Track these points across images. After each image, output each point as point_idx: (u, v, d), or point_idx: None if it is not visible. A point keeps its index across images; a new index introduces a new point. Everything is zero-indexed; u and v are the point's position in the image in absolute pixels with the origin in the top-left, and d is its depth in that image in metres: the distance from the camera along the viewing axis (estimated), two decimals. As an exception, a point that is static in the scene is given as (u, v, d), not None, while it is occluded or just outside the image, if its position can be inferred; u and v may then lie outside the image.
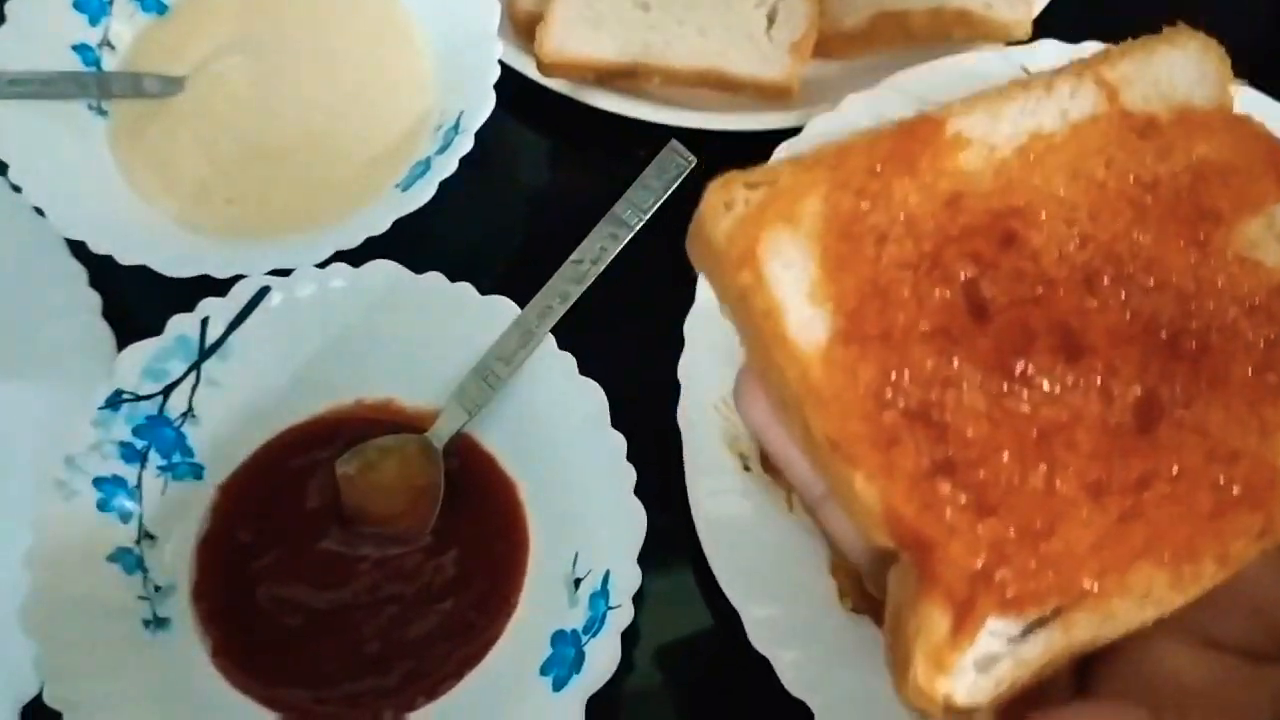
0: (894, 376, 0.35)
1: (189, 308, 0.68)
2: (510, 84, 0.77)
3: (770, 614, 0.65)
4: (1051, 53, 0.78)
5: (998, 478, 0.34)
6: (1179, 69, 0.42)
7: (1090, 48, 0.76)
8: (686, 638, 0.67)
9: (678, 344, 0.70)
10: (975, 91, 0.43)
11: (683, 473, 0.68)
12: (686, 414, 0.69)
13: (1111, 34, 0.75)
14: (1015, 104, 0.40)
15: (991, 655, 0.33)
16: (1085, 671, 0.36)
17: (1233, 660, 0.35)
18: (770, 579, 0.66)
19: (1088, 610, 0.33)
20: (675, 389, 0.69)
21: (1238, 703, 0.34)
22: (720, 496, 0.68)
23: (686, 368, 0.70)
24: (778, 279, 0.35)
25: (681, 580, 0.70)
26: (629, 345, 0.70)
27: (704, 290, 0.71)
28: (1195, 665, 0.35)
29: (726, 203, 0.36)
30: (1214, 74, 0.42)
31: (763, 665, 0.63)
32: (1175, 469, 0.35)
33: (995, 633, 0.33)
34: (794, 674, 0.64)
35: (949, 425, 0.34)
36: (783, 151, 0.74)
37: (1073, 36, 0.76)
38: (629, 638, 0.61)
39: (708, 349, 0.71)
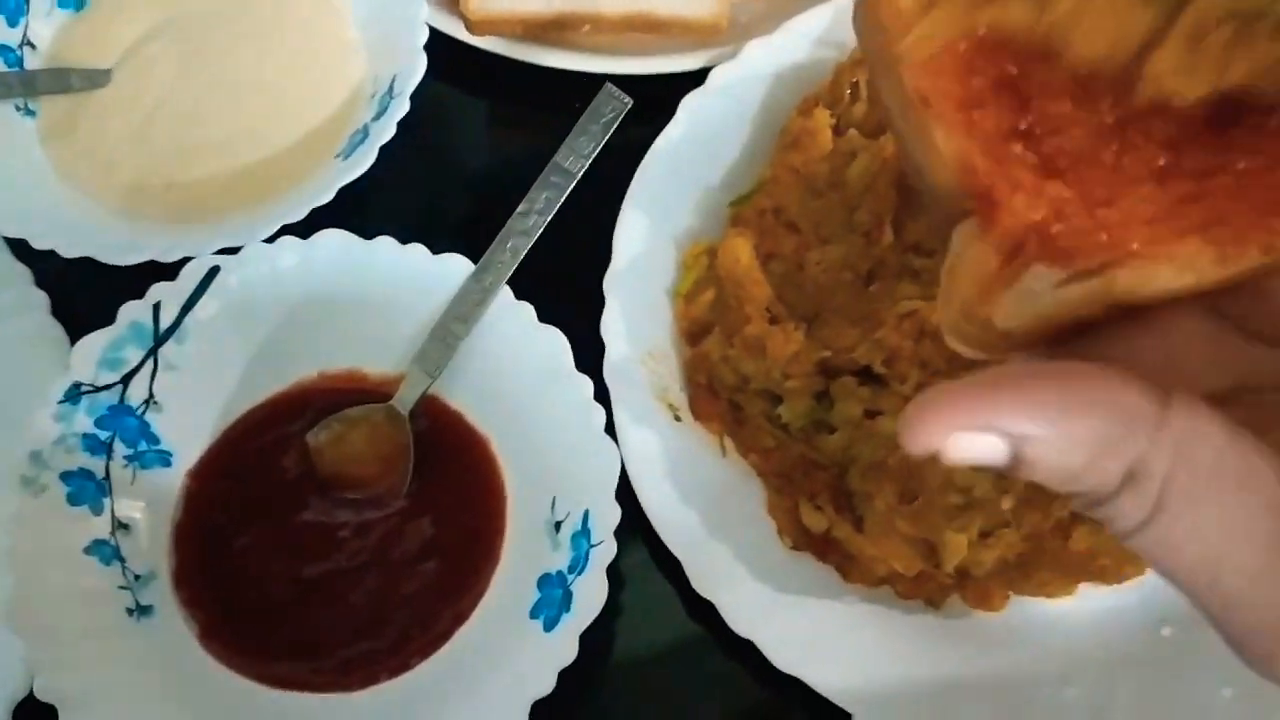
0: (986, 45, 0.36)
1: (138, 296, 0.67)
2: (440, 46, 0.77)
3: (710, 557, 0.67)
4: None
5: (1069, 148, 0.35)
6: None
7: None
8: (669, 572, 0.68)
9: (630, 286, 0.71)
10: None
11: (646, 409, 0.69)
12: (613, 369, 0.70)
13: None
14: None
15: (1034, 292, 0.34)
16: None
17: (1236, 334, 0.35)
18: (708, 523, 0.68)
19: (1131, 268, 0.34)
20: (634, 328, 0.70)
21: (1226, 360, 0.34)
22: (653, 447, 0.69)
23: (609, 324, 0.71)
24: None
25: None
26: (585, 290, 0.71)
27: (621, 246, 0.72)
28: (1197, 322, 0.35)
29: None
30: None
31: (747, 586, 0.64)
32: (1241, 165, 0.35)
33: (1040, 275, 0.34)
34: (737, 614, 0.65)
35: (1033, 98, 0.36)
36: (689, 103, 0.75)
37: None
38: (613, 574, 0.62)
39: (629, 304, 0.72)
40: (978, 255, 0.35)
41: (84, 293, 0.72)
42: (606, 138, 0.73)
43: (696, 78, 0.77)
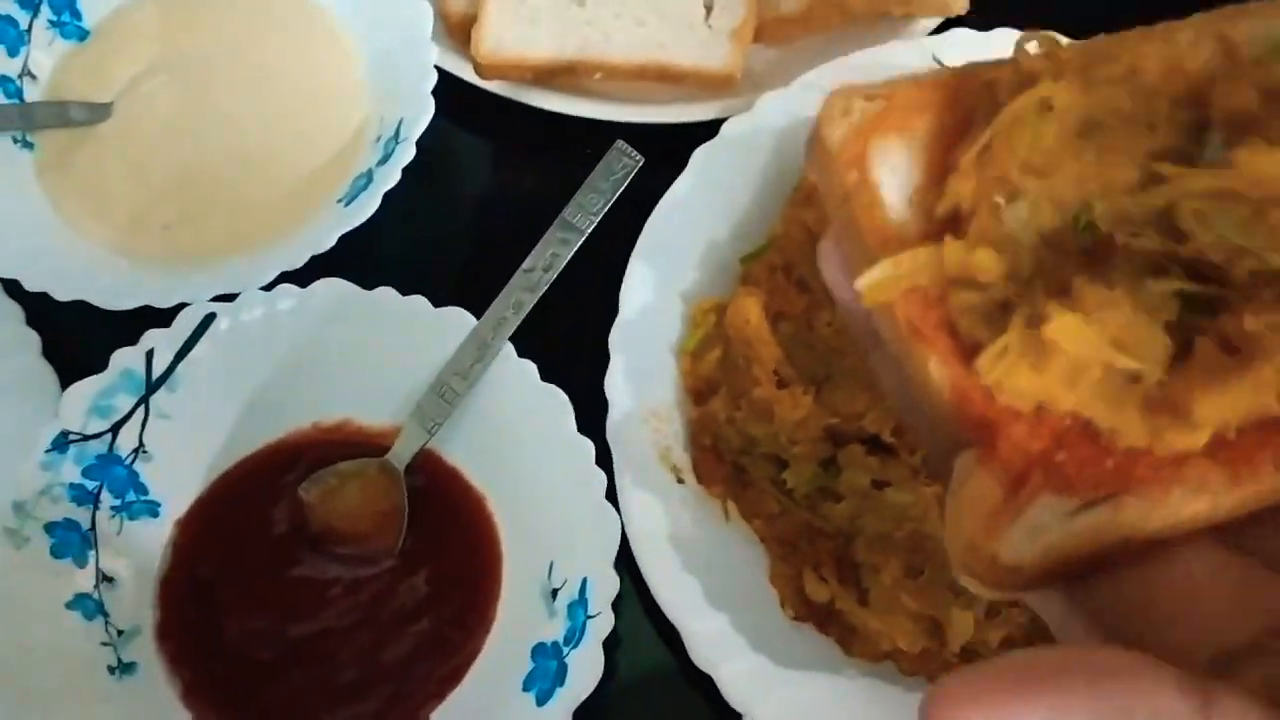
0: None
1: (133, 340, 0.66)
2: (449, 88, 0.75)
3: (710, 627, 0.65)
4: (964, 40, 0.77)
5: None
6: None
7: (1001, 34, 0.77)
8: (668, 640, 0.66)
9: (635, 346, 0.69)
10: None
11: (651, 472, 0.67)
12: (616, 428, 0.68)
13: (1042, 15, 0.77)
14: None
15: (1041, 525, 0.34)
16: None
17: (1262, 570, 0.33)
18: (709, 591, 0.66)
19: (1140, 495, 0.33)
20: (639, 389, 0.68)
21: (1254, 605, 0.32)
22: (654, 510, 0.67)
23: (613, 381, 0.69)
24: (883, 182, 0.37)
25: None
26: (589, 349, 0.69)
27: (628, 301, 0.70)
28: (1218, 563, 0.33)
29: (843, 110, 0.38)
30: None
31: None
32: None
33: (1047, 507, 0.33)
34: (735, 687, 0.63)
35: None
36: (699, 157, 0.74)
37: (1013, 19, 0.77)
38: (610, 644, 0.60)
39: (634, 361, 0.70)
40: (979, 487, 0.34)
41: (77, 332, 0.71)
42: (616, 195, 0.72)
43: (709, 128, 0.76)
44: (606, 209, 0.72)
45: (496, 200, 0.81)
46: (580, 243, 0.70)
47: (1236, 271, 0.34)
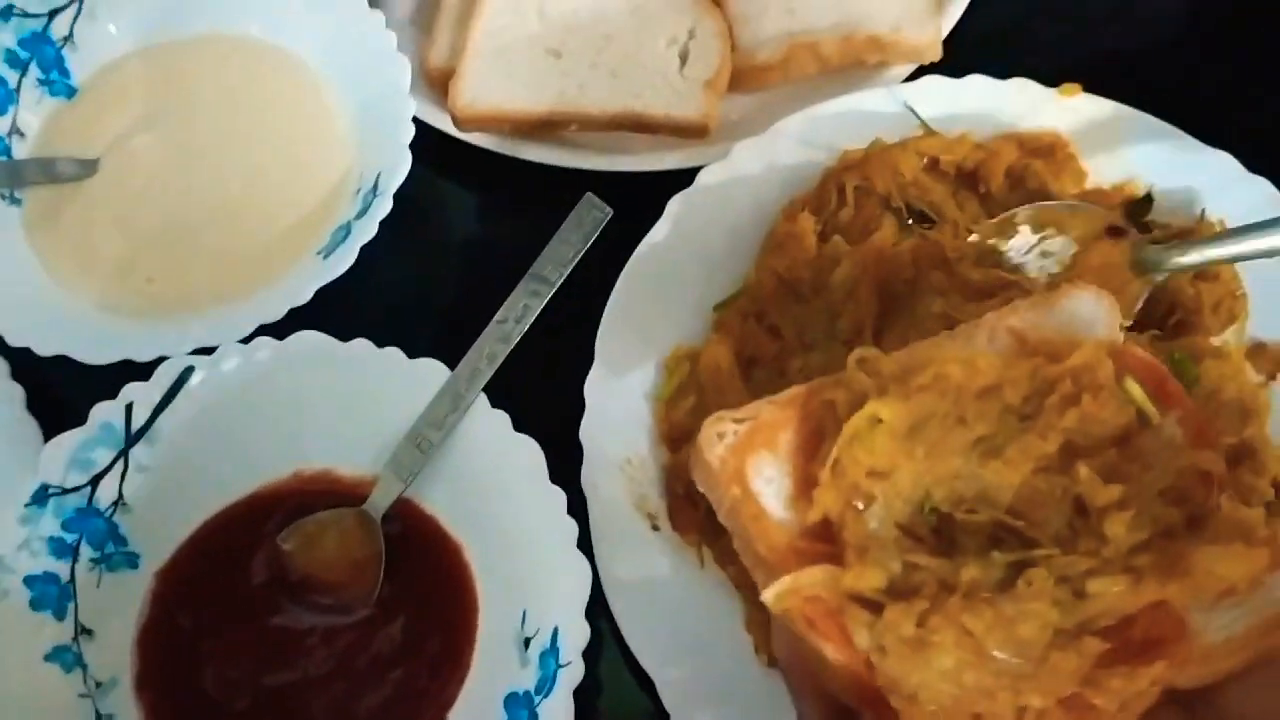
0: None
1: (115, 392, 0.67)
2: (428, 139, 0.77)
3: (684, 675, 0.65)
4: (936, 87, 0.78)
5: None
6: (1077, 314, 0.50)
7: (973, 82, 0.78)
8: (646, 687, 0.67)
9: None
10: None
11: (623, 520, 0.68)
12: (591, 476, 0.69)
13: (1014, 61, 0.78)
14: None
15: None
16: None
17: None
18: (684, 638, 0.66)
19: None
20: (611, 438, 0.69)
21: None
22: (630, 558, 0.68)
23: (589, 429, 0.69)
24: (761, 492, 0.45)
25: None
26: (561, 399, 0.70)
27: (603, 349, 0.71)
28: None
29: (719, 434, 0.46)
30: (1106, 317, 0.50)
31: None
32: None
33: None
34: None
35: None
36: (675, 205, 0.75)
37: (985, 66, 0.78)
38: (589, 690, 0.60)
39: (610, 409, 0.71)
40: None
41: (61, 384, 0.72)
42: (586, 247, 0.73)
43: (685, 175, 0.77)
44: (577, 260, 0.72)
45: (474, 250, 0.82)
46: (551, 294, 0.71)
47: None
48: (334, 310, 0.70)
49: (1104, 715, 0.40)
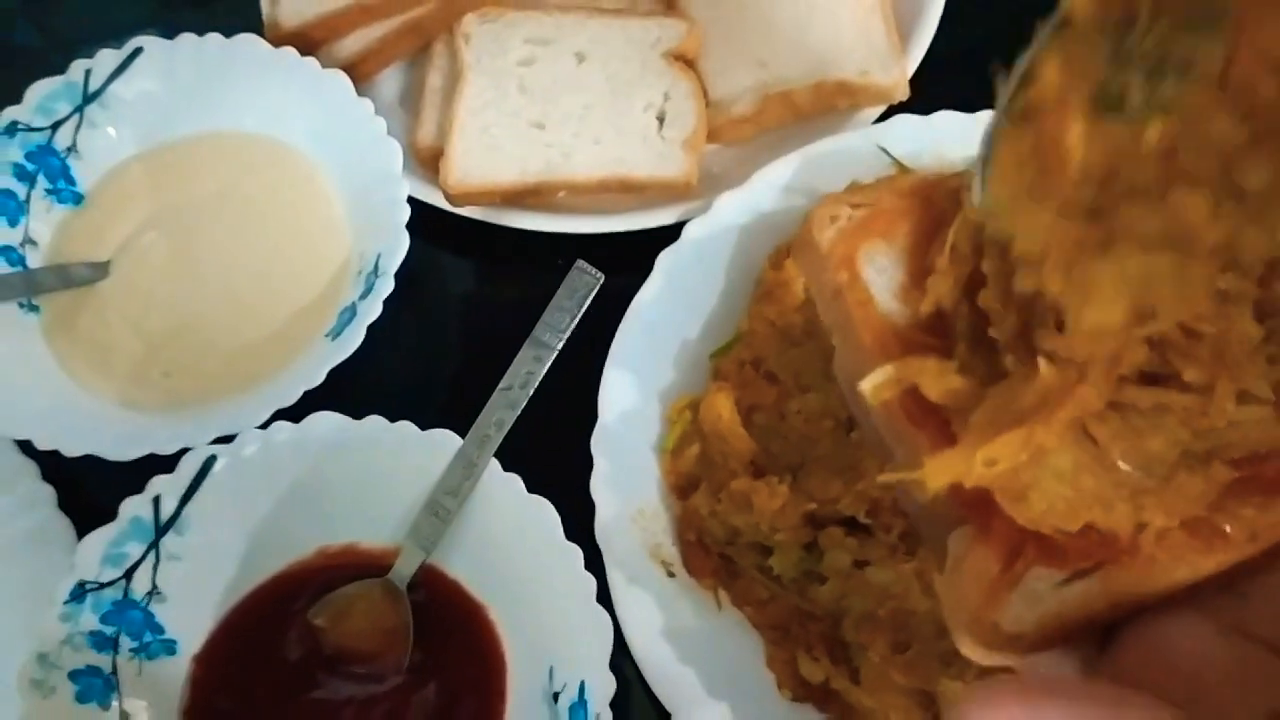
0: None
1: (142, 484, 0.69)
2: (423, 214, 0.79)
3: (710, 716, 0.67)
4: (907, 128, 0.81)
5: None
6: None
7: (942, 118, 0.81)
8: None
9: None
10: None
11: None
12: (605, 529, 0.71)
13: (978, 97, 0.81)
14: None
15: (1036, 594, 0.36)
16: (1113, 633, 0.38)
17: (1258, 651, 0.36)
18: (707, 680, 0.68)
19: (1125, 567, 0.36)
20: (620, 493, 0.72)
21: (1256, 689, 0.35)
22: (648, 606, 0.70)
23: (598, 484, 0.72)
24: (871, 281, 0.41)
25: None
26: (572, 455, 0.72)
27: (606, 405, 0.74)
28: (1219, 647, 0.36)
29: (832, 216, 0.43)
30: None
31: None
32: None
33: (1040, 577, 0.36)
34: None
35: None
36: (664, 259, 0.78)
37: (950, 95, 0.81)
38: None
39: (617, 463, 0.73)
40: (977, 562, 0.37)
41: (90, 481, 0.75)
42: (581, 312, 0.76)
43: (672, 231, 0.80)
44: (574, 324, 0.75)
45: (474, 317, 0.85)
46: (552, 358, 0.74)
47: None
48: (346, 389, 0.72)
49: (1232, 543, 0.37)
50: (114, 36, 0.85)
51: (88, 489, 0.76)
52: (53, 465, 0.75)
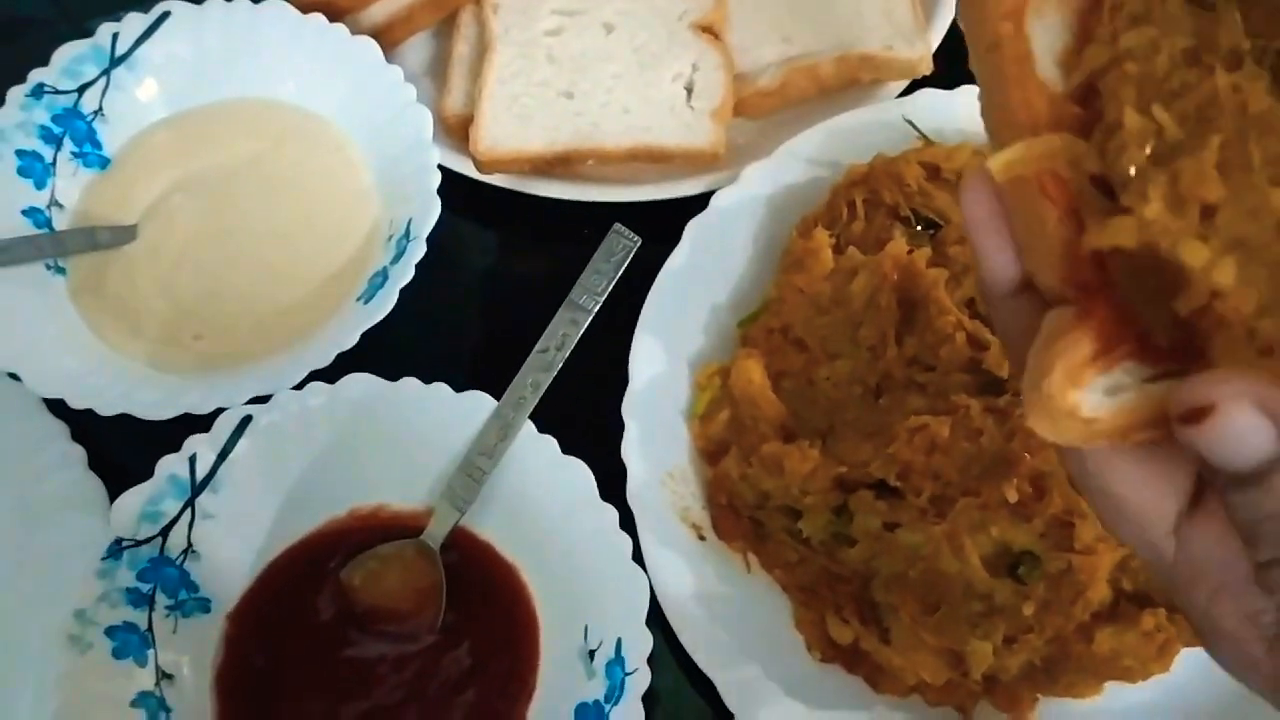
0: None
1: (173, 447, 0.70)
2: (452, 184, 0.80)
3: (741, 676, 0.68)
4: (931, 100, 0.83)
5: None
6: None
7: (966, 93, 0.82)
8: (704, 692, 0.69)
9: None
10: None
11: (674, 532, 0.71)
12: (636, 492, 0.72)
13: None
14: None
15: (1121, 385, 0.36)
16: None
17: None
18: (738, 641, 0.69)
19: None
20: (656, 454, 0.72)
21: None
22: (680, 568, 0.71)
23: (629, 448, 0.73)
24: (1034, 35, 0.39)
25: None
26: (604, 420, 0.73)
27: (637, 371, 0.75)
28: None
29: None
30: None
31: (780, 705, 0.65)
32: None
33: (1129, 370, 0.36)
34: None
35: None
36: (692, 229, 0.78)
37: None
38: (648, 699, 0.63)
39: (648, 428, 0.74)
40: (1073, 342, 0.36)
41: (120, 443, 0.75)
42: (618, 274, 0.76)
43: (699, 201, 0.81)
44: (610, 288, 0.76)
45: (505, 286, 0.86)
46: (589, 321, 0.75)
47: None
48: (380, 352, 0.73)
49: None
50: (124, 8, 0.84)
51: (115, 452, 0.76)
52: (82, 428, 0.76)
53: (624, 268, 0.77)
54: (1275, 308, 0.34)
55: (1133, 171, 0.36)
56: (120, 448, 0.75)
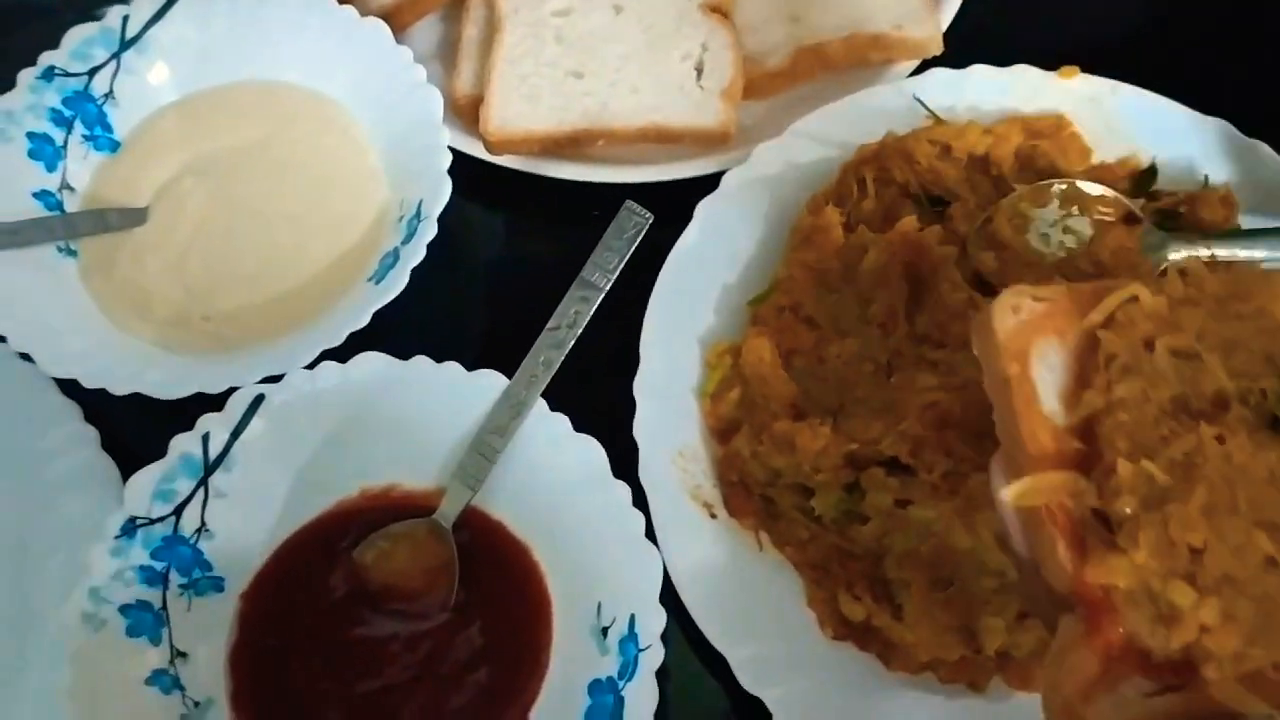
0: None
1: (184, 428, 0.70)
2: (461, 166, 0.80)
3: (754, 653, 0.68)
4: (942, 80, 0.82)
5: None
6: None
7: (976, 72, 0.82)
8: (715, 669, 0.69)
9: (657, 393, 0.74)
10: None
11: (686, 510, 0.71)
12: (648, 471, 0.72)
13: (1012, 51, 0.82)
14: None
15: (1126, 700, 0.41)
16: None
17: None
18: (750, 619, 0.69)
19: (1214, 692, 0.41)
20: (667, 432, 0.72)
21: None
22: (692, 546, 0.71)
23: (641, 426, 0.73)
24: (1040, 377, 0.45)
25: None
26: (615, 398, 0.73)
27: (648, 350, 0.75)
28: None
29: (1014, 307, 0.46)
30: None
31: (793, 681, 0.65)
32: None
33: (1133, 685, 0.41)
34: (786, 709, 0.66)
35: None
36: (703, 209, 0.79)
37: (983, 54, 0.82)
38: (659, 676, 0.63)
39: (659, 406, 0.74)
40: (1080, 660, 0.41)
41: (132, 422, 0.75)
42: (630, 252, 0.76)
43: (709, 181, 0.81)
44: (621, 266, 0.76)
45: (515, 266, 0.86)
46: (600, 299, 0.75)
47: None
48: (392, 332, 0.73)
49: None
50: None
51: (128, 434, 0.76)
52: (94, 409, 0.76)
53: (636, 245, 0.77)
54: (1261, 637, 0.40)
55: (1127, 512, 0.42)
56: (132, 430, 0.75)
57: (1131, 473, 0.42)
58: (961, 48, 0.86)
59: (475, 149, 0.83)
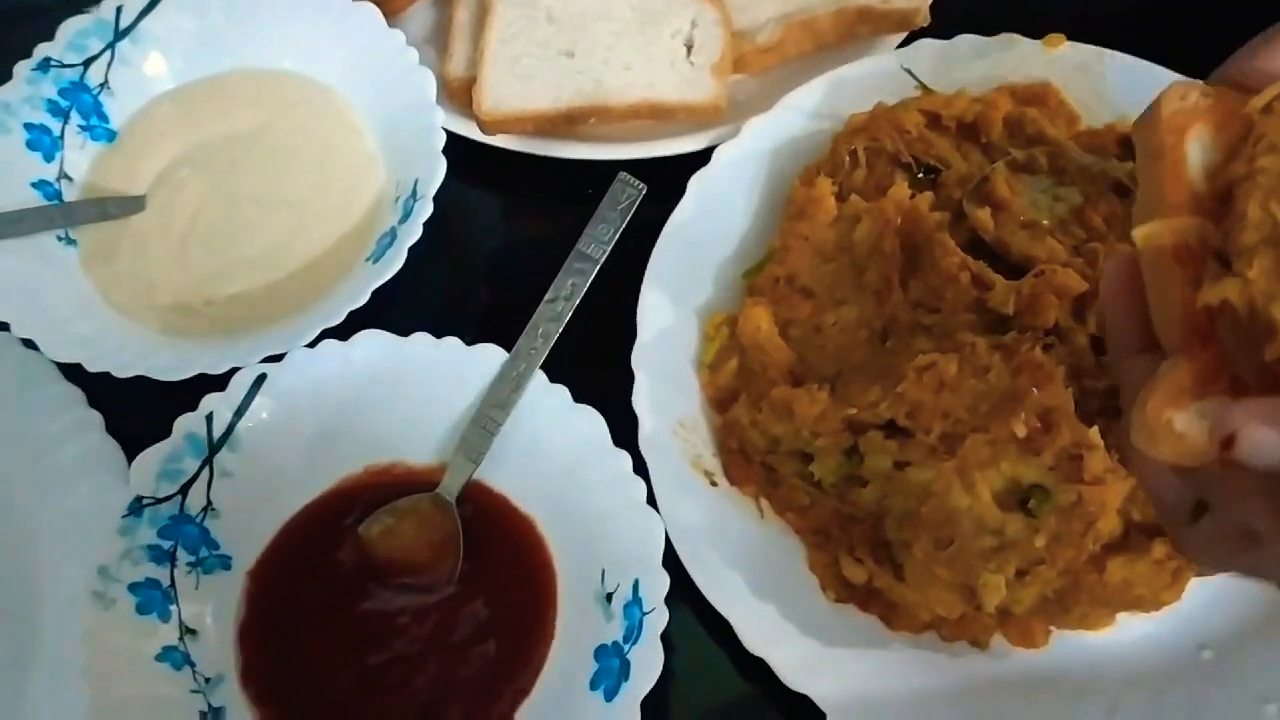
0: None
1: (177, 414, 0.70)
2: (454, 148, 0.80)
3: (758, 617, 0.69)
4: (928, 51, 0.83)
5: None
6: None
7: (963, 42, 0.83)
8: (718, 634, 0.70)
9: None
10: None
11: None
12: (648, 441, 0.73)
13: (997, 20, 0.83)
14: None
15: (1209, 412, 0.42)
16: None
17: None
18: (753, 584, 0.70)
19: None
20: (666, 401, 0.73)
21: None
22: (693, 514, 0.72)
23: (639, 398, 0.74)
24: (1190, 151, 0.47)
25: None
26: (614, 370, 0.74)
27: (645, 322, 0.76)
28: None
29: (1181, 95, 0.47)
30: None
31: (797, 642, 0.66)
32: None
33: (1220, 401, 0.42)
34: (790, 670, 0.67)
35: None
36: (696, 183, 0.79)
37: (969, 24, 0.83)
38: (663, 639, 0.64)
39: (657, 377, 0.75)
40: (1178, 374, 0.44)
41: (135, 408, 0.75)
42: (625, 223, 0.77)
43: (702, 156, 0.81)
44: (617, 237, 0.77)
45: (511, 244, 0.87)
46: (596, 270, 0.76)
47: None
48: (390, 310, 0.74)
49: None
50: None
51: (132, 418, 0.77)
52: (97, 394, 0.76)
53: (630, 215, 0.78)
54: None
55: (1248, 244, 0.44)
56: (136, 414, 0.76)
57: (1259, 215, 0.44)
58: (948, 19, 0.87)
59: (470, 130, 0.84)
